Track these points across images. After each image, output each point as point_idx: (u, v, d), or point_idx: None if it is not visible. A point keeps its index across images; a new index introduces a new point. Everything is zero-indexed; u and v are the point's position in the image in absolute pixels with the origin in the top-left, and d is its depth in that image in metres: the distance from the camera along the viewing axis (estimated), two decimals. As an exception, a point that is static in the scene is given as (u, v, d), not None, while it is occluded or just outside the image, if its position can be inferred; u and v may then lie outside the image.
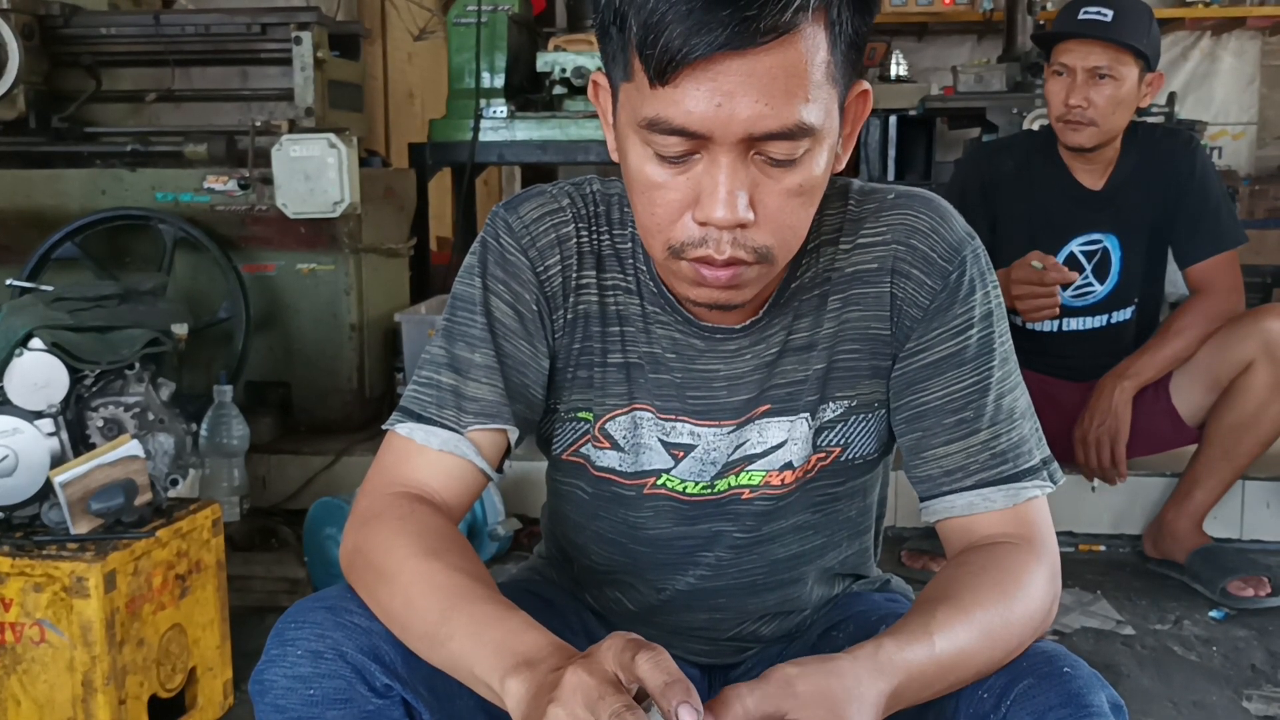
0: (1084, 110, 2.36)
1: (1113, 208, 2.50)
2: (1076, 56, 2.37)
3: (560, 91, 3.61)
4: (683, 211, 0.93)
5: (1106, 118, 2.37)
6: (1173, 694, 2.03)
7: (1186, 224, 2.46)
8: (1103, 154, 2.48)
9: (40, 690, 1.69)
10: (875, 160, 4.50)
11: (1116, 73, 2.34)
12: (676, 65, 0.85)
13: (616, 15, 0.88)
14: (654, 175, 0.93)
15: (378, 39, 5.34)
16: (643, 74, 0.88)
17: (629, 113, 0.93)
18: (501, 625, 0.88)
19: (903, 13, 5.62)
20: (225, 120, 3.24)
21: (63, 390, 1.95)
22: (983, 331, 1.06)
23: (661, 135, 0.90)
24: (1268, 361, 2.31)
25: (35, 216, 3.09)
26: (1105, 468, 2.49)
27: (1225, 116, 6.05)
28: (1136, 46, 2.33)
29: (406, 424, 1.06)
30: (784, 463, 1.10)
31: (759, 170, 0.91)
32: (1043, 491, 1.04)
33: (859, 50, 0.93)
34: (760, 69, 0.85)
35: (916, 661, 0.88)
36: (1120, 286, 2.52)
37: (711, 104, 0.86)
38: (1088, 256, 2.53)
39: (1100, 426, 2.47)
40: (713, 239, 0.92)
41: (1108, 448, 2.47)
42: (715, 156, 0.89)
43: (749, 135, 0.88)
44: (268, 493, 2.91)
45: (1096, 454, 2.49)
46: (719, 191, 0.89)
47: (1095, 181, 2.51)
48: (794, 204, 0.93)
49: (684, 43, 0.84)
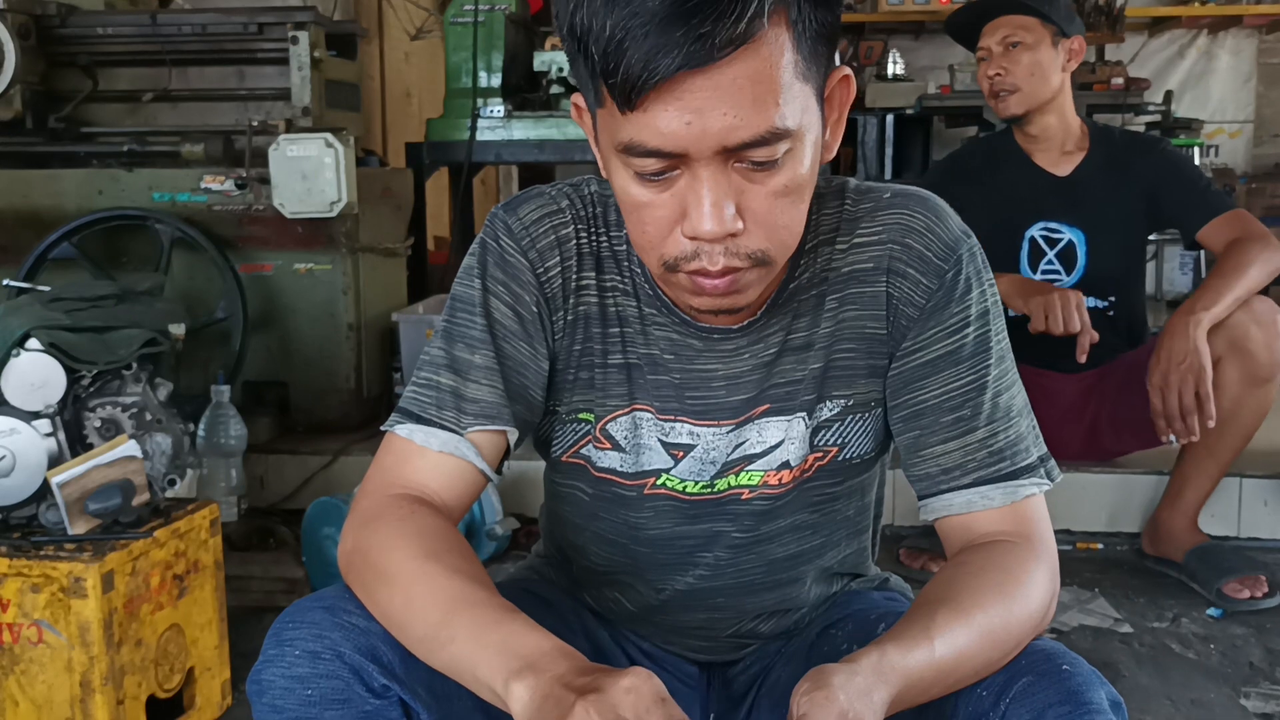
0: (1002, 78, 2.50)
1: (1076, 197, 2.54)
2: (989, 35, 2.54)
3: (557, 91, 3.61)
4: (672, 227, 0.93)
5: (1026, 81, 2.48)
6: (1171, 692, 2.03)
7: (1179, 198, 2.47)
8: (1048, 129, 2.54)
9: (38, 691, 1.69)
10: (873, 159, 4.51)
11: (1024, 39, 2.48)
12: (640, 90, 0.85)
13: (579, 45, 0.88)
14: (639, 195, 0.93)
15: (375, 38, 5.34)
16: (611, 100, 0.89)
17: (607, 137, 0.93)
18: (503, 628, 0.88)
19: (899, 12, 5.62)
20: (222, 120, 3.23)
21: (60, 390, 1.95)
22: (979, 330, 1.06)
23: (638, 158, 0.90)
24: (1235, 356, 2.31)
25: (32, 217, 3.08)
26: (1190, 411, 2.28)
27: (1222, 115, 6.05)
28: (1039, 10, 2.46)
29: (406, 425, 1.06)
30: (781, 462, 1.10)
31: (742, 177, 0.91)
32: (1040, 489, 1.04)
33: (830, 42, 0.92)
34: (725, 81, 0.85)
35: (917, 667, 0.88)
36: (1087, 280, 2.53)
37: (681, 123, 0.86)
38: (1049, 244, 2.55)
39: (1182, 365, 2.26)
40: (705, 252, 0.92)
41: (1192, 386, 2.26)
42: (695, 171, 0.89)
43: (724, 147, 0.88)
44: (265, 493, 2.90)
45: (1180, 397, 2.26)
46: (704, 205, 0.90)
47: (1059, 168, 2.56)
48: (782, 204, 0.93)
49: (644, 67, 0.84)
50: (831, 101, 0.98)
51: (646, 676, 0.80)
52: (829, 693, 0.82)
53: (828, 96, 0.96)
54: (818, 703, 0.81)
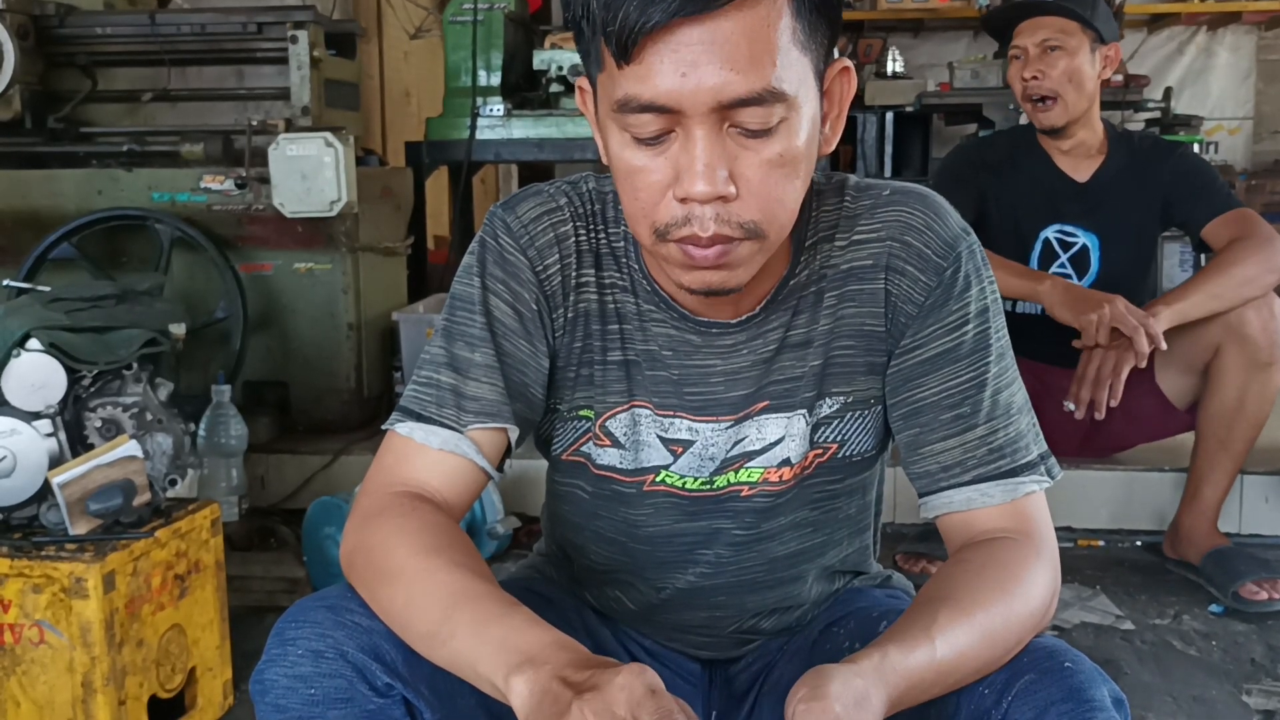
0: (1040, 82, 2.44)
1: (1094, 203, 2.53)
2: (1026, 35, 2.48)
3: (557, 89, 3.61)
4: (664, 192, 0.93)
5: (1064, 88, 2.44)
6: (1172, 689, 2.03)
7: (1188, 199, 2.47)
8: (1081, 141, 2.52)
9: (40, 691, 1.69)
10: (872, 156, 4.50)
11: (1065, 44, 2.43)
12: (636, 37, 0.86)
13: (582, 5, 0.90)
14: (633, 159, 0.93)
15: (374, 38, 5.34)
16: (610, 57, 0.90)
17: (605, 102, 0.94)
18: (504, 622, 0.88)
19: (899, 9, 5.62)
20: (221, 120, 3.23)
21: (60, 391, 1.95)
22: (978, 327, 1.06)
23: (634, 115, 0.90)
24: (1235, 342, 2.31)
25: (31, 217, 3.08)
26: (1102, 383, 2.27)
27: (1221, 111, 6.05)
28: (1082, 16, 2.42)
29: (406, 423, 1.06)
30: (782, 459, 1.10)
31: (736, 143, 0.91)
32: (1040, 487, 1.04)
33: (830, 20, 0.93)
34: (721, 36, 0.86)
35: (919, 667, 0.88)
36: (1099, 284, 2.52)
37: (677, 75, 0.87)
38: (1064, 247, 2.54)
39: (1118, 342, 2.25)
40: (696, 216, 0.92)
41: (1112, 361, 2.24)
42: (689, 131, 0.90)
43: (718, 103, 0.88)
44: (266, 492, 2.90)
45: (1099, 368, 2.26)
46: (696, 165, 0.90)
47: (1079, 173, 2.55)
48: (777, 175, 0.93)
49: (640, 13, 0.85)
50: (832, 96, 0.98)
51: (639, 671, 0.80)
52: (825, 704, 0.81)
53: (827, 89, 0.97)
54: (814, 714, 0.81)
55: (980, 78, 4.34)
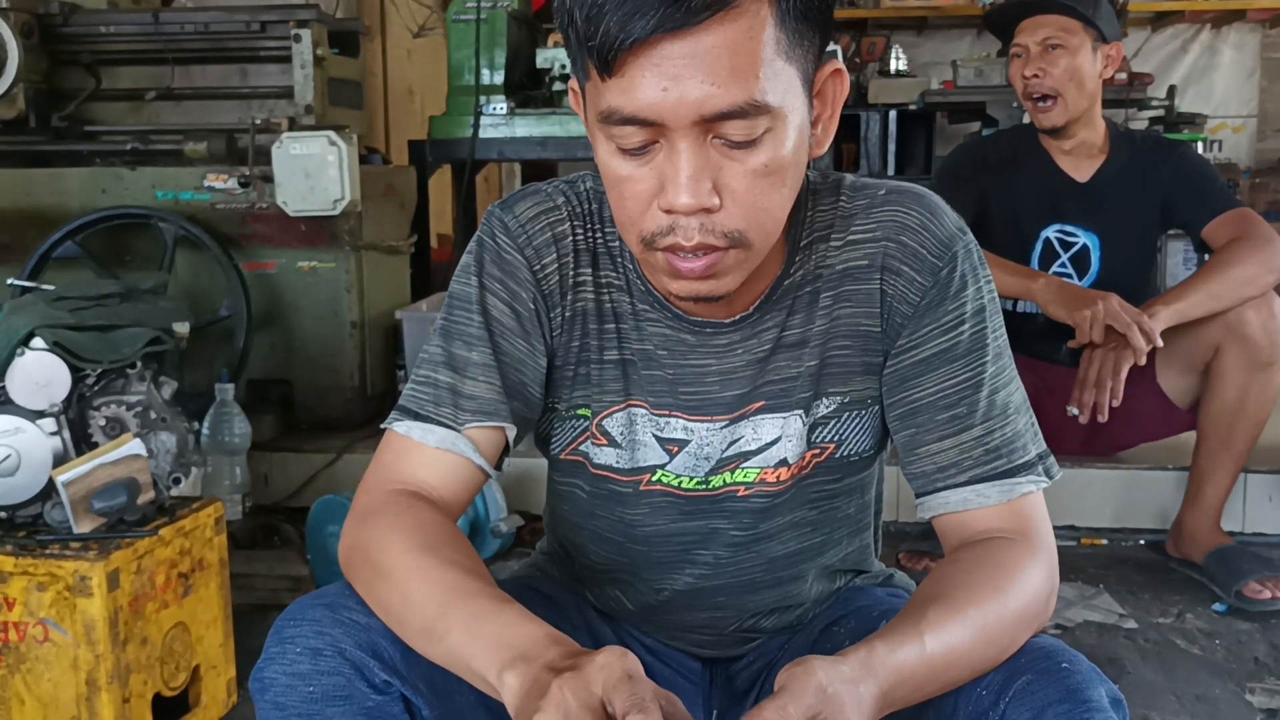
0: (1040, 81, 2.43)
1: (1095, 203, 2.52)
2: (1027, 33, 2.46)
3: (560, 88, 3.61)
4: (650, 201, 0.93)
5: (1065, 87, 2.42)
6: (1176, 687, 2.03)
7: (1189, 199, 2.46)
8: (1082, 141, 2.51)
9: (44, 689, 1.70)
10: (875, 155, 4.50)
11: (1066, 42, 2.42)
12: (617, 52, 0.86)
13: (567, 16, 0.90)
14: (619, 169, 0.93)
15: (377, 36, 5.34)
16: (594, 69, 0.90)
17: (592, 111, 0.94)
18: (497, 619, 0.89)
19: (902, 8, 5.61)
20: (225, 118, 3.24)
21: (64, 389, 1.95)
22: (975, 327, 1.05)
23: (618, 127, 0.91)
24: (1235, 341, 2.31)
25: (35, 215, 3.09)
26: (1103, 385, 2.27)
27: (1225, 109, 6.04)
28: (1083, 14, 2.41)
29: (404, 422, 1.06)
30: (779, 459, 1.10)
31: (720, 154, 0.91)
32: (1038, 487, 1.04)
33: (818, 27, 0.92)
34: (702, 49, 0.86)
35: (907, 663, 0.88)
36: (1100, 284, 2.52)
37: (658, 89, 0.87)
38: (1064, 246, 2.54)
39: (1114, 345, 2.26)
40: (680, 226, 0.92)
41: (1111, 363, 2.25)
42: (673, 143, 0.90)
43: (701, 117, 0.88)
44: (270, 490, 2.91)
45: (1099, 369, 2.27)
46: (680, 177, 0.90)
47: (1080, 173, 2.54)
48: (762, 185, 0.92)
49: (621, 28, 0.85)
50: (824, 97, 0.97)
51: (621, 654, 0.80)
52: (808, 667, 0.83)
53: (818, 91, 0.96)
54: (796, 677, 0.82)
55: (984, 76, 4.34)
